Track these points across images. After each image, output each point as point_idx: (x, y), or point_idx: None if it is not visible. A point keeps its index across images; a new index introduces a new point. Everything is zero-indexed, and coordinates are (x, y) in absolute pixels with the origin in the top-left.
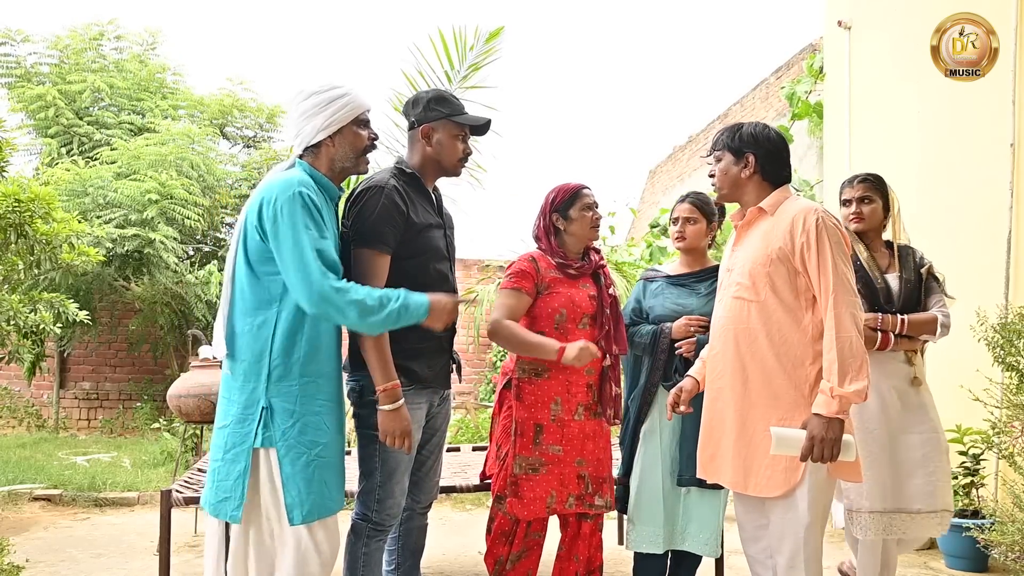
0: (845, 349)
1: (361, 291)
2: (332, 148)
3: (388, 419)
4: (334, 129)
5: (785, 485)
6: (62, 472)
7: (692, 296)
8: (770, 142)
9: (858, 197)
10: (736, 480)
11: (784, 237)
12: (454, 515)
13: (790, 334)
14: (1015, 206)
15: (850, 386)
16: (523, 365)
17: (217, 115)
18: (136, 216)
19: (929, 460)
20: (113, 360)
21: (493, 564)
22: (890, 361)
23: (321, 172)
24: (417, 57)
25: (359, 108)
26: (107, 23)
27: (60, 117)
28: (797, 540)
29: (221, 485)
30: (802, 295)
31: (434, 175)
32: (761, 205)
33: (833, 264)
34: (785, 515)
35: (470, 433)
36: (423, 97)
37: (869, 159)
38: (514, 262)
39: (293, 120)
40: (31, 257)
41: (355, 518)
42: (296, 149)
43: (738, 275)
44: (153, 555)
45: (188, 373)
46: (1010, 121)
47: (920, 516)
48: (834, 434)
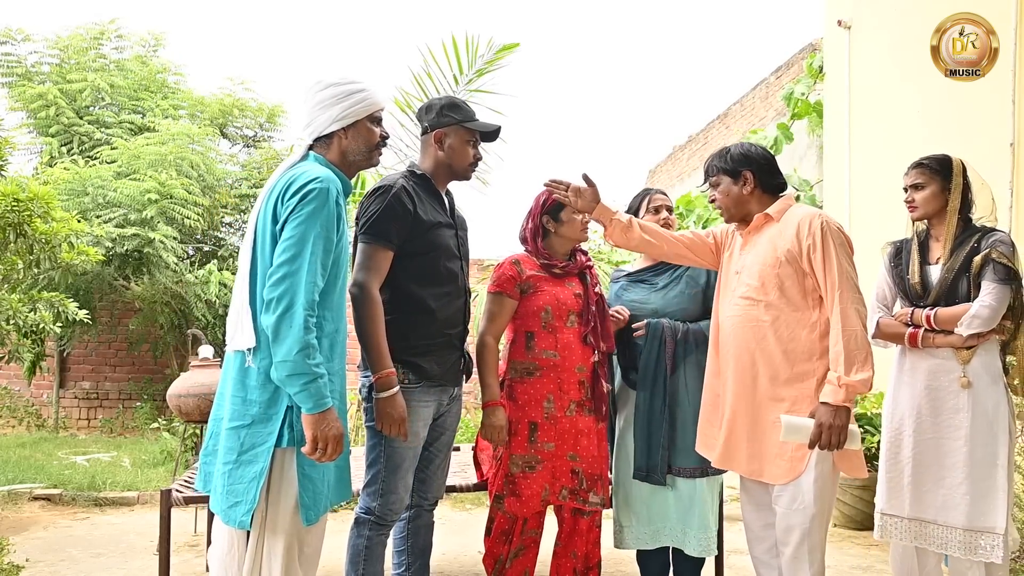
0: (851, 341)
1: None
2: (345, 140)
3: (384, 405)
4: (349, 122)
5: (791, 473)
6: (62, 472)
7: (651, 291)
8: (760, 156)
9: (910, 184)
10: (752, 468)
11: (791, 240)
12: (454, 515)
13: (798, 331)
14: (1015, 205)
15: (856, 375)
16: (515, 365)
17: (217, 115)
18: (136, 216)
19: (958, 470)
20: (113, 359)
21: (492, 564)
22: (929, 359)
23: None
24: (426, 57)
25: (375, 105)
26: (108, 23)
27: (60, 116)
28: (803, 531)
29: (233, 489)
30: (809, 295)
31: (446, 178)
32: (768, 212)
33: (838, 264)
34: (791, 506)
35: (470, 432)
36: (436, 104)
37: (869, 158)
38: (500, 264)
39: (307, 109)
40: (30, 256)
41: (358, 512)
42: (306, 139)
43: (747, 277)
44: (153, 555)
45: (188, 372)
46: (1010, 121)
47: (953, 532)
48: (841, 421)
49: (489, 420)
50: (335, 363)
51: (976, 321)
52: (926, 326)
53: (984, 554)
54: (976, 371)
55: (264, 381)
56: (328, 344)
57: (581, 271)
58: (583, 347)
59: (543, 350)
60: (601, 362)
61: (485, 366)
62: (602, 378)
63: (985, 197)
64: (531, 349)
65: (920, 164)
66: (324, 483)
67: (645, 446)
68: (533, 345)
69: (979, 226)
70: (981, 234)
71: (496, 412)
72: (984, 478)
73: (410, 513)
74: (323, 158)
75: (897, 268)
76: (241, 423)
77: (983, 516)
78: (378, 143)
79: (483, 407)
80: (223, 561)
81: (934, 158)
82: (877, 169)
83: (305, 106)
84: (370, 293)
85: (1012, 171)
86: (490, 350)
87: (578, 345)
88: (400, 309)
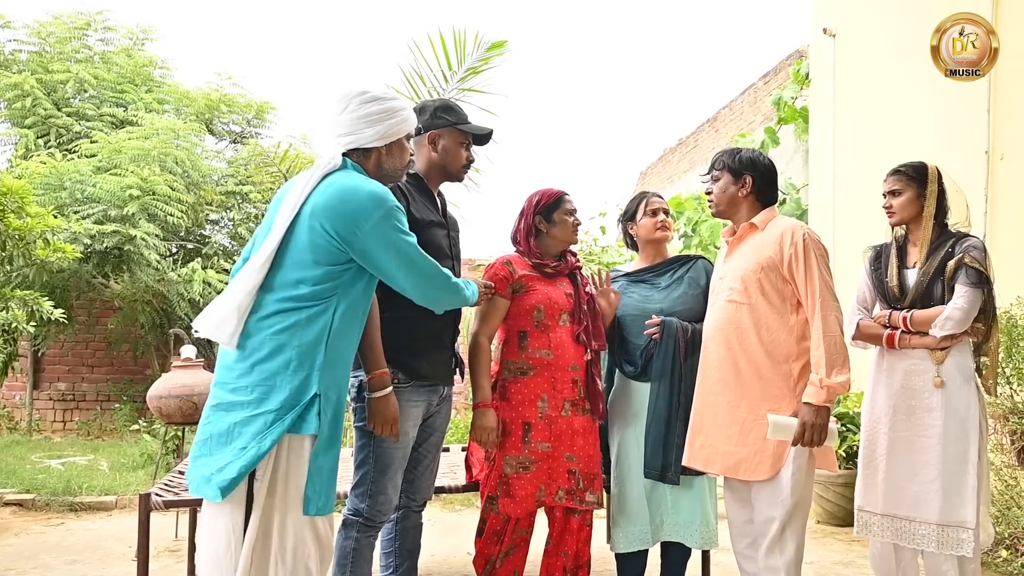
0: (831, 346)
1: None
2: (384, 156)
3: (377, 404)
4: (392, 139)
5: (772, 470)
6: (35, 476)
7: (654, 290)
8: (765, 167)
9: (888, 191)
10: (726, 466)
11: (774, 249)
12: (443, 516)
13: (778, 332)
14: (989, 211)
15: (836, 378)
16: (508, 365)
17: (204, 110)
18: (116, 212)
19: (931, 467)
20: (91, 360)
21: (483, 564)
22: (905, 359)
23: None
24: (415, 54)
25: (412, 125)
26: (96, 13)
27: (37, 107)
28: (781, 522)
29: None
30: (788, 300)
31: (438, 179)
32: (753, 221)
33: (819, 274)
34: (771, 499)
35: (460, 433)
36: (430, 105)
37: (853, 163)
38: (491, 265)
39: (349, 119)
40: (3, 253)
41: (346, 513)
42: (341, 147)
43: (731, 281)
44: (131, 561)
45: (169, 373)
46: (985, 129)
47: (926, 527)
48: (822, 420)
49: (480, 422)
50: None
51: (949, 323)
52: (902, 328)
53: (956, 548)
54: (949, 371)
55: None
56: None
57: (571, 271)
58: (576, 346)
59: (537, 349)
60: (594, 360)
61: (477, 367)
62: (596, 376)
63: (960, 203)
64: (524, 349)
65: (897, 171)
66: (334, 477)
67: (659, 445)
68: (527, 344)
69: (954, 231)
70: (956, 239)
71: (487, 414)
72: (956, 475)
73: (398, 514)
74: (362, 168)
75: (876, 271)
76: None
77: (955, 511)
78: (410, 162)
79: (474, 408)
80: (219, 564)
81: (910, 165)
82: (861, 174)
83: (345, 115)
84: None
85: (987, 178)
86: (483, 351)
87: (571, 344)
88: (391, 308)
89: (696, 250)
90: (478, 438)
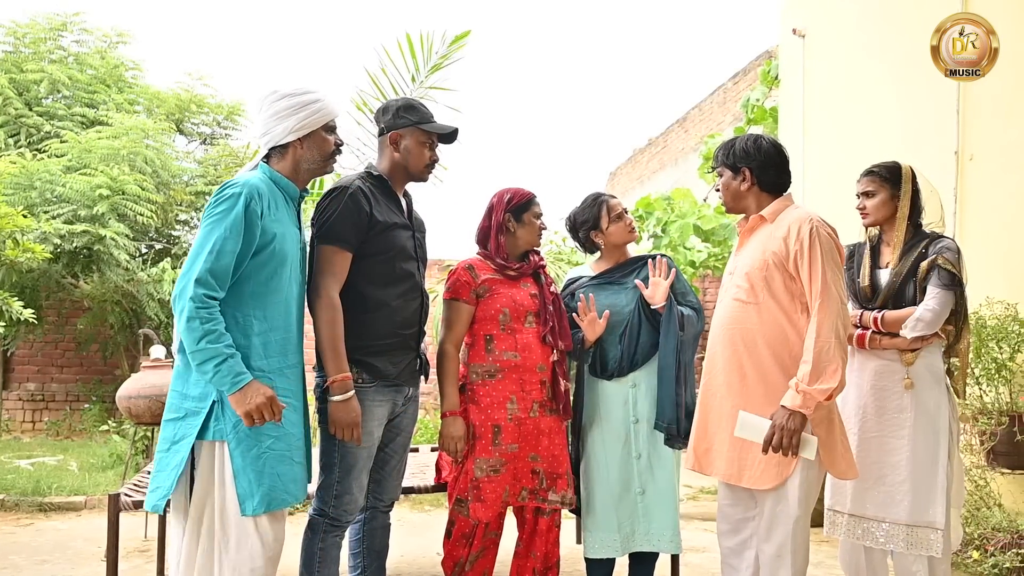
0: (821, 353)
1: (207, 317)
2: (300, 151)
3: (337, 409)
4: (304, 133)
5: (778, 478)
6: (4, 476)
7: (621, 292)
8: (762, 153)
9: (862, 191)
10: (730, 472)
11: (780, 243)
12: (412, 516)
13: (787, 334)
14: (959, 211)
15: (818, 385)
16: (476, 368)
17: (174, 110)
18: (86, 212)
19: (901, 468)
20: (60, 360)
21: (452, 567)
22: (875, 360)
23: (286, 172)
24: (382, 56)
25: (330, 115)
26: (73, 15)
27: (8, 106)
28: (786, 532)
29: (156, 476)
30: (797, 299)
31: (402, 180)
32: (762, 213)
33: (823, 272)
34: (776, 507)
35: (429, 434)
36: (393, 105)
37: (823, 164)
38: (453, 270)
39: (263, 119)
40: None
41: (312, 513)
42: (262, 148)
43: (738, 278)
44: (101, 561)
45: (139, 373)
46: (955, 130)
47: (895, 527)
48: (795, 426)
49: (447, 430)
50: (271, 361)
51: (920, 324)
52: (873, 328)
53: (925, 548)
54: (919, 373)
55: (197, 376)
56: (261, 343)
57: (535, 271)
58: (542, 347)
59: (504, 351)
60: (560, 361)
61: (445, 375)
62: (561, 377)
63: (934, 203)
64: (491, 351)
65: (871, 172)
66: (264, 476)
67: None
68: (493, 347)
69: (928, 232)
70: (929, 240)
71: (455, 422)
72: (925, 476)
73: (366, 515)
74: (270, 169)
75: (849, 271)
76: (175, 416)
77: (924, 512)
78: (333, 152)
79: (442, 417)
80: (177, 567)
81: (884, 166)
82: (831, 174)
83: (260, 115)
84: (328, 297)
85: (957, 178)
86: (450, 359)
87: (537, 345)
88: (355, 309)
89: (666, 250)
90: (445, 447)
